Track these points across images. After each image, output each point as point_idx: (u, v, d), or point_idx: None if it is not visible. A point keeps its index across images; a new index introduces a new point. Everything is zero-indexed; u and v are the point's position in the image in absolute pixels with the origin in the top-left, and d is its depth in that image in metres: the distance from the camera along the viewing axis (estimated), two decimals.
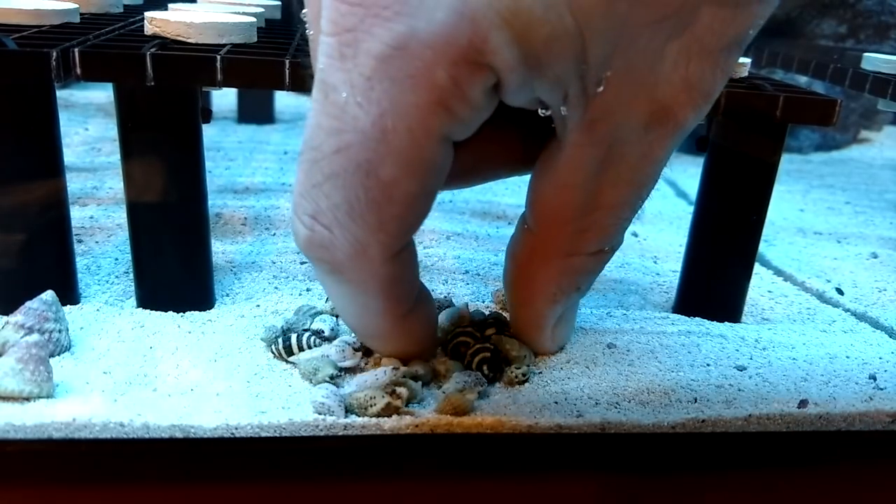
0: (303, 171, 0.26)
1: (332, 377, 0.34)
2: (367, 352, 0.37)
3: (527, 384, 0.35)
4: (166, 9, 0.46)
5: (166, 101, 0.36)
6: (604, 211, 0.29)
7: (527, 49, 0.23)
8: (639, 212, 0.30)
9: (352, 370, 0.35)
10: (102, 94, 0.93)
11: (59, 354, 0.34)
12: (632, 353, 0.39)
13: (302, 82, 0.35)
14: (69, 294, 0.40)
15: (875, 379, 0.39)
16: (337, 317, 0.40)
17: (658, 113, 0.26)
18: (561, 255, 0.31)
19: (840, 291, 0.52)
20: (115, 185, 0.62)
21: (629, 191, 0.29)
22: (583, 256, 0.31)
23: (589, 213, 0.29)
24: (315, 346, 0.36)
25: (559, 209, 0.29)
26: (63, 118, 0.39)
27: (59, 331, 0.35)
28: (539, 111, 0.27)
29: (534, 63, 0.24)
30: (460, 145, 0.27)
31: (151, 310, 0.39)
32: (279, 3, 0.56)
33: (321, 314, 0.39)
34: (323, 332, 0.37)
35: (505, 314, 0.40)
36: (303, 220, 0.27)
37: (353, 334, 0.38)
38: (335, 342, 0.36)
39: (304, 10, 0.27)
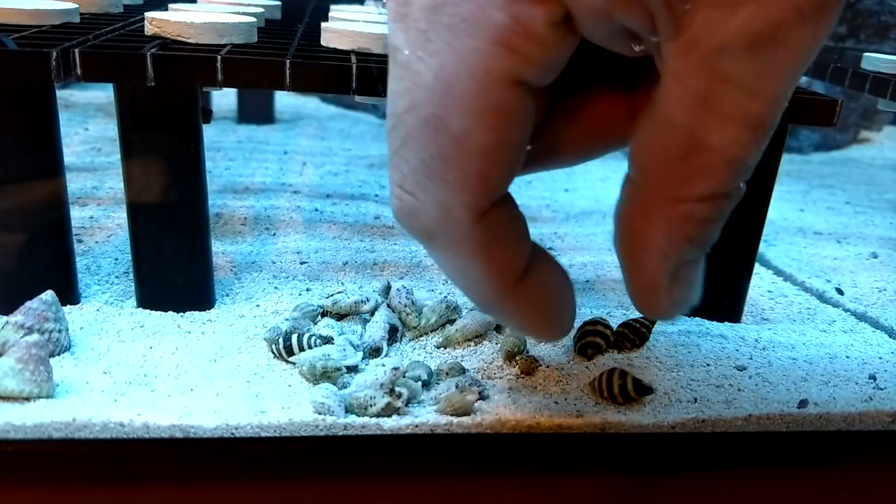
0: (389, 141, 0.25)
1: (335, 371, 0.34)
2: (373, 352, 0.37)
3: (531, 378, 0.35)
4: (166, 9, 0.46)
5: (166, 101, 0.36)
6: (713, 153, 0.25)
7: None
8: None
9: (353, 369, 0.35)
10: (102, 95, 0.93)
11: (58, 354, 0.34)
12: (632, 353, 0.39)
13: (302, 82, 0.35)
14: (69, 294, 0.40)
15: (875, 379, 0.39)
16: (341, 317, 0.40)
17: (764, 32, 0.22)
18: (666, 202, 0.27)
19: (840, 291, 0.52)
20: (115, 185, 0.62)
21: (740, 131, 0.25)
22: (691, 203, 0.27)
23: (695, 154, 0.25)
24: (315, 346, 0.36)
25: (661, 151, 0.26)
26: (63, 118, 0.39)
27: (59, 331, 0.35)
28: (634, 47, 0.25)
29: None
30: (559, 119, 0.26)
31: (151, 310, 0.39)
32: (279, 3, 0.56)
33: (326, 315, 0.40)
34: (330, 337, 0.37)
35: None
36: (393, 190, 0.26)
37: (355, 334, 0.38)
38: (337, 341, 0.36)
39: None
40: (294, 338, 0.36)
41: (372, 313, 0.40)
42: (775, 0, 0.22)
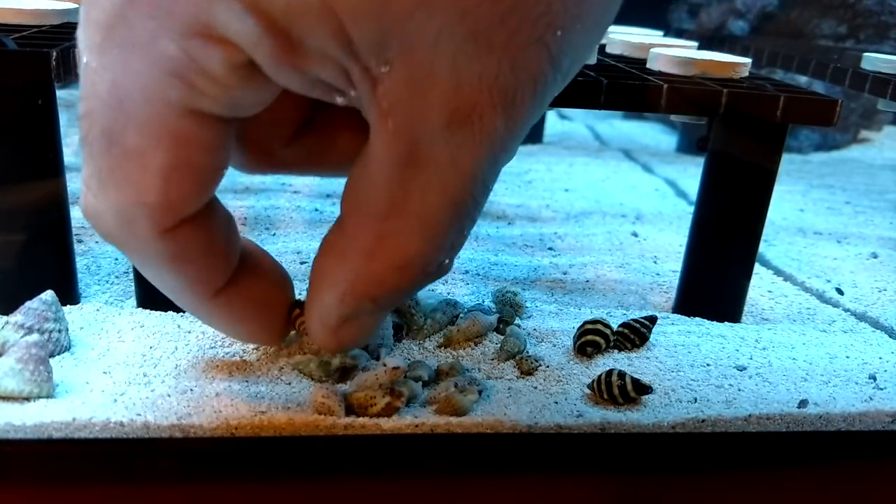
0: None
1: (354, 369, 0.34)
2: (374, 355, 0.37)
3: (531, 378, 0.35)
4: None
5: None
6: (412, 220, 0.25)
7: (266, 22, 0.21)
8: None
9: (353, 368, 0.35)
10: None
11: (58, 354, 0.34)
12: (632, 353, 0.39)
13: None
14: (69, 294, 0.40)
15: (875, 379, 0.39)
16: None
17: (459, 113, 0.23)
18: (361, 256, 0.26)
19: (840, 291, 0.52)
20: None
21: (440, 204, 0.24)
22: (383, 267, 0.26)
23: (394, 217, 0.25)
24: None
25: (363, 204, 0.25)
26: (63, 118, 0.39)
27: (59, 331, 0.35)
28: (336, 99, 0.24)
29: (283, 39, 0.21)
30: (321, 129, 0.26)
31: (151, 310, 0.39)
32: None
33: None
34: None
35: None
36: (82, 187, 0.25)
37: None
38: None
39: None
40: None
41: None
42: (470, 83, 0.22)
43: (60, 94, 0.42)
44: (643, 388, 0.34)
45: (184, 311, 0.39)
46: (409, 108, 0.23)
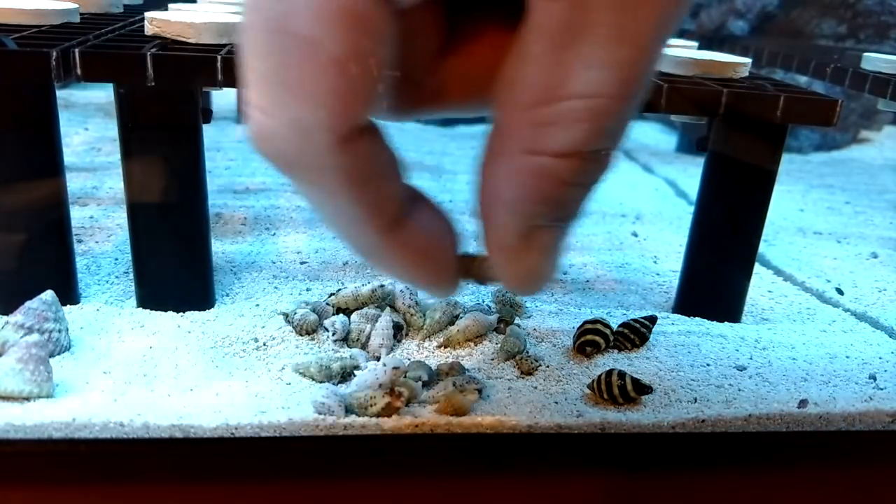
0: (242, 48, 0.23)
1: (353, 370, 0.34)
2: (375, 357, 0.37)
3: (531, 378, 0.35)
4: (166, 9, 0.46)
5: (166, 101, 0.36)
6: (575, 101, 0.22)
7: None
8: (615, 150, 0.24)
9: (353, 369, 0.35)
10: (102, 94, 0.93)
11: (58, 354, 0.34)
12: (632, 353, 0.39)
13: None
14: (69, 294, 0.40)
15: (875, 379, 0.39)
16: (344, 311, 0.40)
17: None
18: (520, 151, 0.24)
19: (840, 291, 0.52)
20: (115, 185, 0.62)
21: (606, 77, 0.22)
22: (548, 157, 0.24)
23: (555, 99, 0.23)
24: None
25: (519, 89, 0.23)
26: (63, 118, 0.39)
27: (59, 331, 0.35)
28: None
29: None
30: (447, 57, 0.24)
31: (151, 310, 0.39)
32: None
33: (339, 312, 0.40)
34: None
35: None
36: (249, 112, 0.23)
37: (362, 332, 0.38)
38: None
39: None
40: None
41: (384, 300, 0.40)
42: None
43: (60, 93, 0.42)
44: (643, 388, 0.34)
45: (184, 311, 0.39)
46: None
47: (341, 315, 0.39)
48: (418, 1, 0.23)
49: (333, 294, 0.41)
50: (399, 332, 0.39)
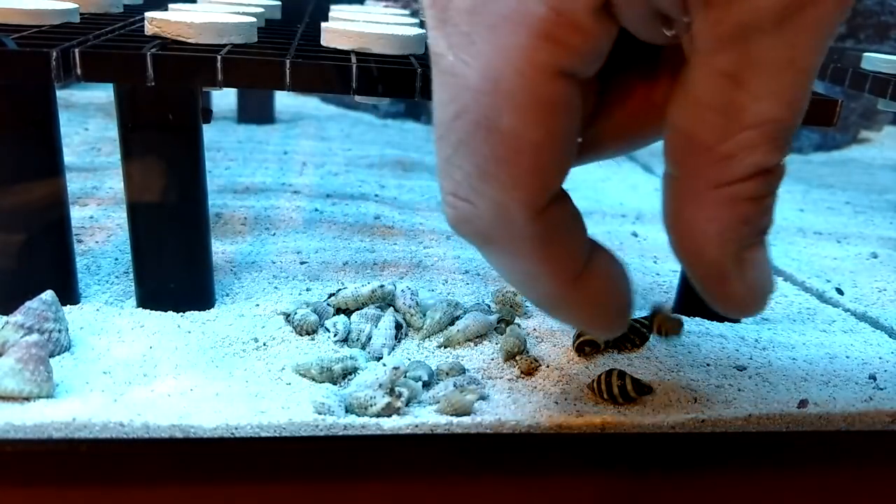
0: (437, 151, 0.25)
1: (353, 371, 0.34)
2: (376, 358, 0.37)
3: (531, 378, 0.35)
4: (166, 9, 0.46)
5: (166, 101, 0.36)
6: (751, 131, 0.24)
7: None
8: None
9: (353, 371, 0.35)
10: (102, 94, 0.93)
11: (58, 354, 0.34)
12: (632, 353, 0.39)
13: (302, 82, 0.35)
14: (69, 294, 0.40)
15: (875, 379, 0.39)
16: (344, 311, 0.40)
17: (793, 3, 0.22)
18: (711, 187, 0.26)
19: (840, 291, 0.52)
20: (115, 185, 0.62)
21: (776, 105, 0.24)
22: (737, 183, 0.26)
23: (732, 134, 0.25)
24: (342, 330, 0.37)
25: (696, 136, 0.25)
26: (63, 118, 0.39)
27: (59, 331, 0.35)
28: (666, 32, 0.25)
29: None
30: (601, 109, 0.26)
31: (151, 310, 0.39)
32: (279, 3, 0.56)
33: (340, 312, 0.40)
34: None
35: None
36: (447, 199, 0.26)
37: (363, 333, 0.38)
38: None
39: None
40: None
41: (384, 300, 0.40)
42: None
43: (60, 93, 0.42)
44: (643, 388, 0.34)
45: (184, 311, 0.39)
46: (738, 16, 0.22)
47: (342, 315, 0.39)
48: (597, 70, 0.24)
49: (333, 294, 0.41)
50: (399, 331, 0.39)
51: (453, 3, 0.23)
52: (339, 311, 0.40)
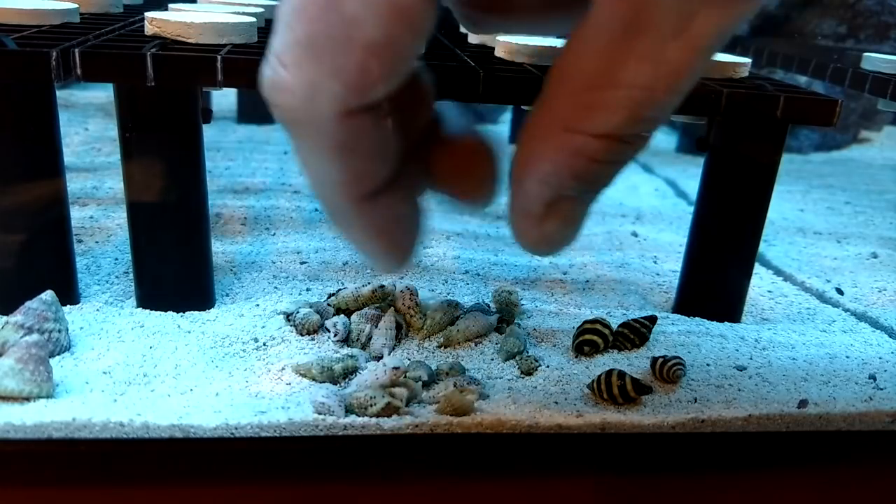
0: (280, 6, 0.24)
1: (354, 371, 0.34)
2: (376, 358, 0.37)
3: (531, 378, 0.35)
4: (166, 9, 0.46)
5: (166, 101, 0.36)
6: (621, 90, 0.24)
7: None
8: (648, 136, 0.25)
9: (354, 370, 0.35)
10: (102, 94, 0.93)
11: (58, 354, 0.34)
12: (632, 353, 0.39)
13: None
14: (69, 294, 0.40)
15: (875, 379, 0.39)
16: (344, 311, 0.40)
17: None
18: (561, 126, 0.26)
19: (840, 291, 0.52)
20: (114, 185, 0.62)
21: (655, 73, 0.23)
22: (586, 136, 0.25)
23: (603, 86, 0.24)
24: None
25: (572, 73, 0.25)
26: (63, 118, 0.39)
27: (59, 331, 0.35)
28: None
29: None
30: None
31: (151, 310, 0.39)
32: (279, 3, 0.56)
33: (340, 312, 0.40)
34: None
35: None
36: (270, 58, 0.25)
37: (363, 332, 0.38)
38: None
39: None
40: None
41: (384, 300, 0.40)
42: None
43: (60, 93, 0.42)
44: (643, 388, 0.34)
45: (184, 311, 0.39)
46: None
47: (342, 316, 0.39)
48: None
49: (333, 294, 0.41)
50: (399, 331, 0.39)
51: None
52: (339, 311, 0.40)
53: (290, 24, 0.24)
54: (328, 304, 0.40)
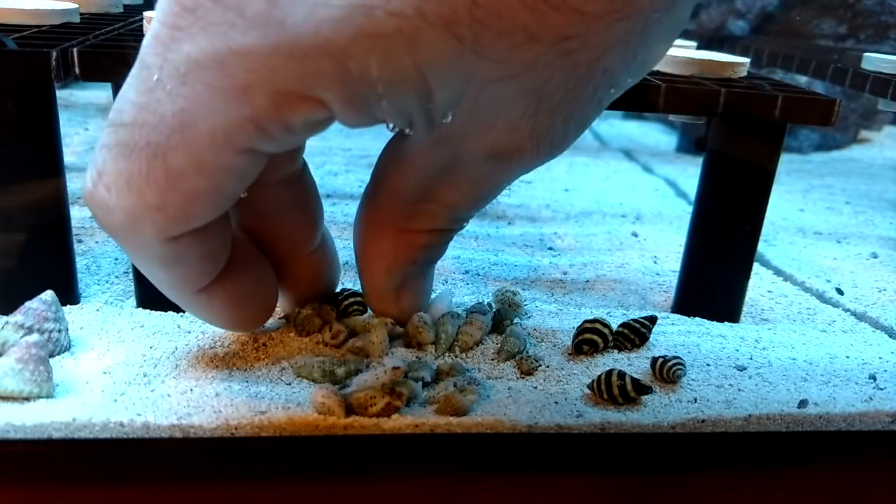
0: (109, 121, 0.25)
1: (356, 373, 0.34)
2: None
3: (531, 378, 0.35)
4: None
5: None
6: (439, 204, 0.30)
7: (362, 88, 0.23)
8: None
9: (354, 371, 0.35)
10: (102, 95, 0.93)
11: (58, 354, 0.34)
12: (632, 353, 0.39)
13: None
14: (69, 294, 0.40)
15: (875, 379, 0.39)
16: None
17: (502, 150, 0.27)
18: (395, 228, 0.32)
19: (840, 291, 0.52)
20: None
21: (464, 198, 0.30)
22: (416, 233, 0.32)
23: (424, 200, 0.30)
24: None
25: (397, 188, 0.31)
26: (63, 118, 0.39)
27: (59, 331, 0.35)
28: (388, 127, 0.27)
29: (371, 100, 0.23)
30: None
31: (151, 309, 0.39)
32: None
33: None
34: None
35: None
36: (91, 172, 0.26)
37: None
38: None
39: None
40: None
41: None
42: (522, 133, 0.26)
43: (60, 94, 0.42)
44: (643, 389, 0.34)
45: (185, 312, 0.39)
46: (459, 144, 0.27)
47: (344, 322, 0.39)
48: (283, 150, 0.26)
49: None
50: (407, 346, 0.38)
51: (184, 46, 0.23)
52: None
53: (111, 152, 0.24)
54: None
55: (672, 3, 0.24)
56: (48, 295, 0.35)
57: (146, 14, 0.40)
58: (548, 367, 0.37)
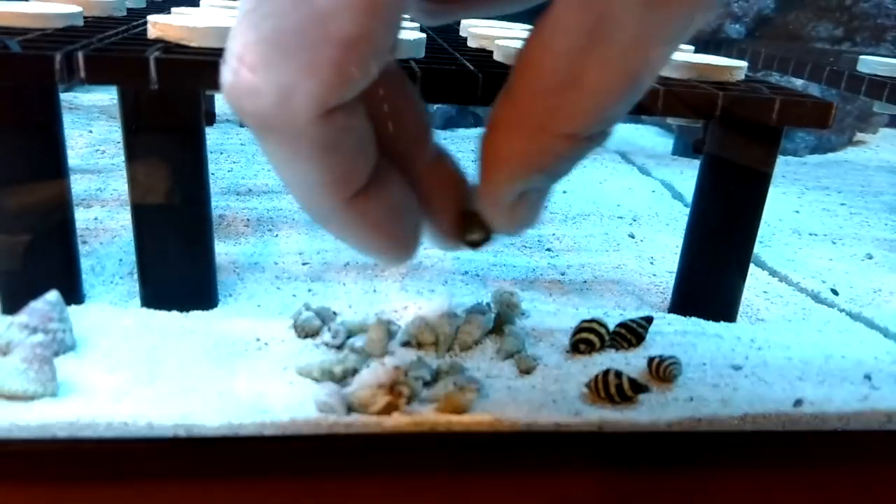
0: (239, 14, 0.23)
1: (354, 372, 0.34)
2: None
3: (529, 377, 0.36)
4: (169, 12, 0.46)
5: (170, 103, 0.37)
6: (584, 93, 0.25)
7: None
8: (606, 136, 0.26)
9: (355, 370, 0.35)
10: (106, 97, 0.94)
11: (63, 354, 0.35)
12: (629, 352, 0.40)
13: None
14: (74, 294, 0.40)
15: (870, 378, 0.39)
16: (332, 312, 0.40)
17: None
18: (528, 126, 0.27)
19: (835, 292, 0.52)
20: (118, 186, 0.62)
21: (616, 78, 0.25)
22: (552, 136, 0.27)
23: (567, 89, 0.25)
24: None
25: (537, 75, 0.26)
26: (67, 120, 0.39)
27: (64, 331, 0.35)
28: None
29: None
30: None
31: (155, 309, 0.40)
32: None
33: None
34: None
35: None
36: (229, 62, 0.23)
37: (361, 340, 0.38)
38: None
39: None
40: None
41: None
42: None
43: (64, 96, 0.42)
44: (640, 387, 0.34)
45: (187, 311, 0.40)
46: None
47: (343, 322, 0.39)
48: None
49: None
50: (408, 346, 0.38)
51: None
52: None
53: (254, 22, 0.22)
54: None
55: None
56: (53, 295, 0.35)
57: (149, 18, 0.40)
58: (546, 366, 0.37)
